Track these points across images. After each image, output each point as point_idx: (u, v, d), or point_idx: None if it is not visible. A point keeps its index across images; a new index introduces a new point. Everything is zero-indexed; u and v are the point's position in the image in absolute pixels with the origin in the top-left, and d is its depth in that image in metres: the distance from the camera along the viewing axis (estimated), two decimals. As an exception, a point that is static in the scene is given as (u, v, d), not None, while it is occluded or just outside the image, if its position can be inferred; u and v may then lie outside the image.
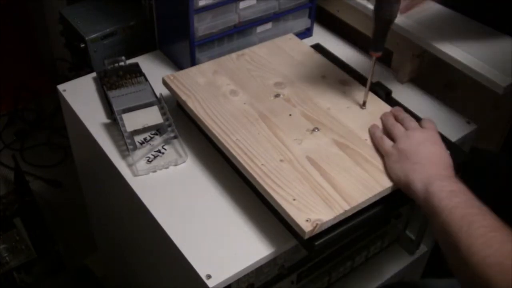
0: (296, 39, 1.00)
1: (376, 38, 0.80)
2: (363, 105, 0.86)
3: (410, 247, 1.05)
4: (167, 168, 0.82)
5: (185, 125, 0.88)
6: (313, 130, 0.81)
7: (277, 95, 0.87)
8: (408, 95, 0.97)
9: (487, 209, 0.65)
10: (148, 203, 0.77)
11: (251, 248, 0.71)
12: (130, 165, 0.82)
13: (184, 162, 0.83)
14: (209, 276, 0.67)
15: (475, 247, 0.61)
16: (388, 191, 0.73)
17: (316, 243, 0.68)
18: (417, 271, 1.13)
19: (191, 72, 0.91)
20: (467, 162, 0.82)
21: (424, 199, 0.69)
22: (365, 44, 1.07)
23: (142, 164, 0.82)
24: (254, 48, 0.96)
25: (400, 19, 0.95)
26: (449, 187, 0.69)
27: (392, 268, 1.03)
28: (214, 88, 0.87)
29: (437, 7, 1.00)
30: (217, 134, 0.79)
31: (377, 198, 0.72)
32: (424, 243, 1.06)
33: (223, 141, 0.78)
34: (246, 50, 0.96)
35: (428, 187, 0.69)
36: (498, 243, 0.60)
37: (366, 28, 1.04)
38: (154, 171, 0.81)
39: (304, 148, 0.77)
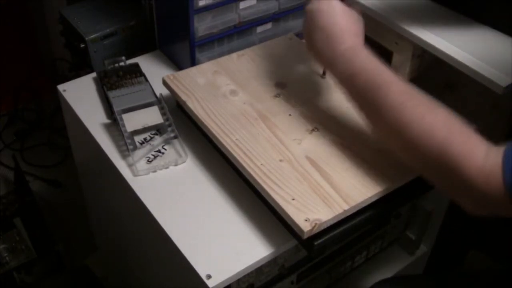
0: (296, 39, 1.00)
1: None
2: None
3: (410, 247, 1.05)
4: (167, 168, 0.82)
5: (185, 125, 0.88)
6: (313, 130, 0.81)
7: (276, 95, 0.87)
8: (408, 95, 0.97)
9: (391, 81, 0.68)
10: (148, 203, 0.77)
11: (251, 248, 0.71)
12: (130, 165, 0.82)
13: (184, 162, 0.83)
14: (209, 276, 0.67)
15: (390, 131, 0.67)
16: (388, 191, 0.73)
17: (316, 243, 0.68)
18: (417, 271, 1.13)
19: (191, 72, 0.91)
20: None
21: (337, 82, 0.73)
22: (365, 44, 1.07)
23: (142, 164, 0.82)
24: (254, 48, 0.96)
25: (399, 19, 0.95)
26: (348, 70, 0.70)
27: (392, 268, 1.03)
28: (214, 88, 0.87)
29: (438, 7, 0.99)
30: (216, 134, 0.79)
31: (377, 198, 0.72)
32: (424, 243, 1.06)
33: (222, 141, 0.78)
34: (246, 50, 0.96)
35: (333, 73, 0.73)
36: (406, 123, 0.65)
37: (366, 28, 1.04)
38: (154, 171, 0.81)
39: (304, 148, 0.77)
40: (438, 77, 1.00)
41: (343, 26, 0.73)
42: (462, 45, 0.90)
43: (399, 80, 0.69)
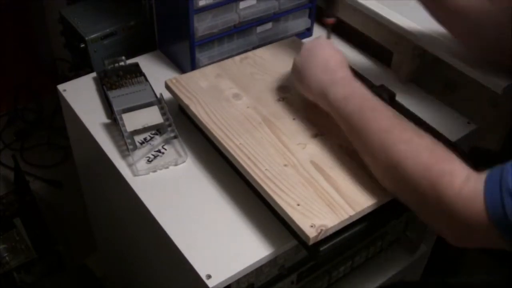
0: (300, 42, 1.00)
1: (327, 4, 0.85)
2: None
3: (410, 247, 1.05)
4: (167, 168, 0.82)
5: (187, 127, 0.88)
6: (317, 134, 0.80)
7: (280, 99, 0.86)
8: (408, 95, 0.97)
9: (381, 108, 0.72)
10: (148, 203, 0.77)
11: (251, 248, 0.71)
12: (130, 165, 0.82)
13: (184, 162, 0.83)
14: (209, 276, 0.67)
15: (376, 152, 0.69)
16: (394, 196, 0.72)
17: (321, 249, 0.68)
18: (417, 271, 1.13)
19: (194, 75, 0.90)
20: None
21: (329, 109, 0.76)
22: (365, 44, 1.07)
23: (142, 164, 0.82)
24: (257, 51, 0.96)
25: (399, 19, 0.95)
26: (343, 92, 0.75)
27: (392, 268, 1.03)
28: (217, 92, 0.86)
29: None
30: (220, 139, 0.78)
31: (383, 203, 0.71)
32: (424, 243, 1.06)
33: (226, 145, 0.77)
34: (249, 53, 0.95)
35: (325, 98, 0.76)
36: (393, 144, 0.67)
37: (367, 29, 1.04)
38: (154, 171, 0.81)
39: (308, 153, 0.77)
40: (438, 77, 1.00)
41: (339, 59, 0.80)
42: (462, 44, 0.90)
43: (389, 107, 0.74)
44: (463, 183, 0.60)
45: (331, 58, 0.79)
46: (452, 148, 0.75)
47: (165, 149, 0.84)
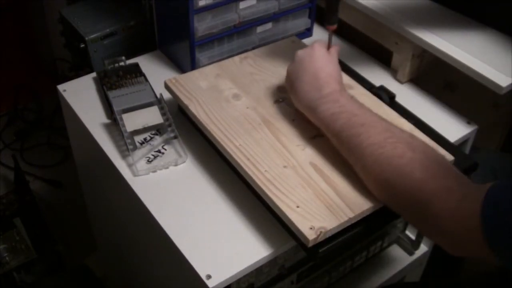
0: (300, 42, 0.99)
1: (329, 12, 0.83)
2: None
3: (410, 247, 1.05)
4: (167, 168, 0.82)
5: (186, 127, 0.88)
6: (317, 135, 0.79)
7: (280, 100, 0.86)
8: (408, 95, 0.97)
9: (371, 121, 0.70)
10: (148, 203, 0.77)
11: (251, 248, 0.71)
12: (130, 165, 0.82)
13: (184, 162, 0.83)
14: (209, 276, 0.67)
15: (368, 167, 0.68)
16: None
17: (320, 250, 0.68)
18: (417, 271, 1.13)
19: (193, 75, 0.89)
20: (472, 166, 0.80)
21: (318, 125, 0.75)
22: (365, 44, 1.07)
23: (142, 164, 0.82)
24: (257, 51, 0.96)
25: (399, 19, 0.95)
26: (331, 109, 0.73)
27: (392, 268, 1.03)
28: (216, 92, 0.86)
29: (437, 7, 1.00)
30: (219, 140, 0.78)
31: (382, 205, 0.71)
32: (424, 243, 1.06)
33: (225, 146, 0.77)
34: (249, 53, 0.95)
35: (314, 114, 0.75)
36: (385, 159, 0.66)
37: (366, 29, 1.04)
38: (154, 171, 0.81)
39: (308, 154, 0.77)
40: (438, 77, 1.00)
41: (329, 72, 0.77)
42: (462, 45, 0.90)
43: (381, 119, 0.71)
44: (459, 201, 0.59)
45: (320, 72, 0.77)
46: (450, 152, 0.76)
47: (165, 149, 0.84)
